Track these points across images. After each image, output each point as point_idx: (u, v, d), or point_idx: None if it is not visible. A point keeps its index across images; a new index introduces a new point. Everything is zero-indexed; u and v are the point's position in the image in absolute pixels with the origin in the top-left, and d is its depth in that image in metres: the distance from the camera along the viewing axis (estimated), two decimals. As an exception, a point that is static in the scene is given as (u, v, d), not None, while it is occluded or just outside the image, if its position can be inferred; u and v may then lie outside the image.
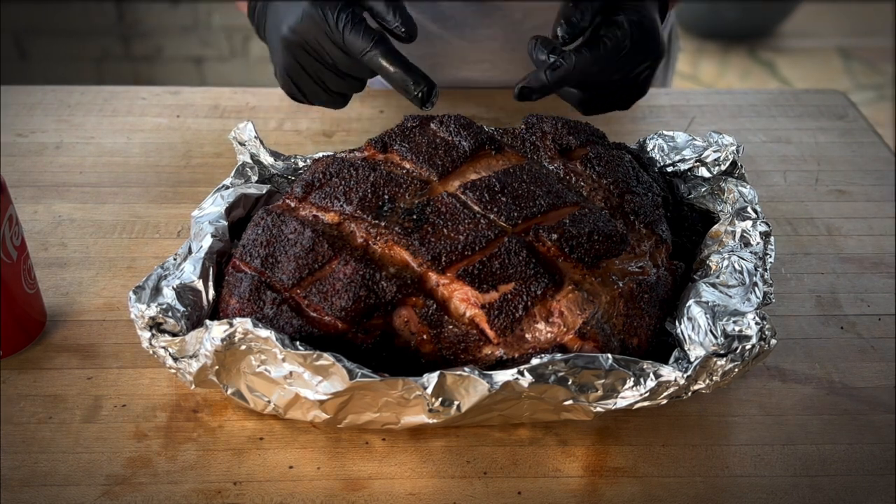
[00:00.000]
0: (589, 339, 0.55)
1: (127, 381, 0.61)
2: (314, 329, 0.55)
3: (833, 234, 0.78)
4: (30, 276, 0.63)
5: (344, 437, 0.57)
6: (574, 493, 0.54)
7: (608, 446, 0.57)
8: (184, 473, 0.55)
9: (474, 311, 0.56)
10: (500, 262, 0.56)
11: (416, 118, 0.68)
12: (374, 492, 0.54)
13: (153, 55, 2.41)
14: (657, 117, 0.96)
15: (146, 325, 0.55)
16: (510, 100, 0.98)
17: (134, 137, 0.91)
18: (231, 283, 0.58)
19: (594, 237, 0.58)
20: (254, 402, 0.55)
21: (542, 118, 0.69)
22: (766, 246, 0.62)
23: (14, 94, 0.97)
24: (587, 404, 0.53)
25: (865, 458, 0.57)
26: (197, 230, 0.63)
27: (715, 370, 0.53)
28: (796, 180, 0.86)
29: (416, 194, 0.61)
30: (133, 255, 0.74)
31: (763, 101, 1.00)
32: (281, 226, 0.59)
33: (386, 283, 0.55)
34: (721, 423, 0.59)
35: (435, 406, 0.51)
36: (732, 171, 0.70)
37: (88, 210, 0.79)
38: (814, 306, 0.69)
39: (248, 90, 0.99)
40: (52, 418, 0.58)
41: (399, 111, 0.95)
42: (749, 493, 0.54)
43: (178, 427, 0.58)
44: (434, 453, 0.57)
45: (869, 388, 0.62)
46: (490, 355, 0.55)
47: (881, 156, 0.90)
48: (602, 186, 0.64)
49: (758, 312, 0.54)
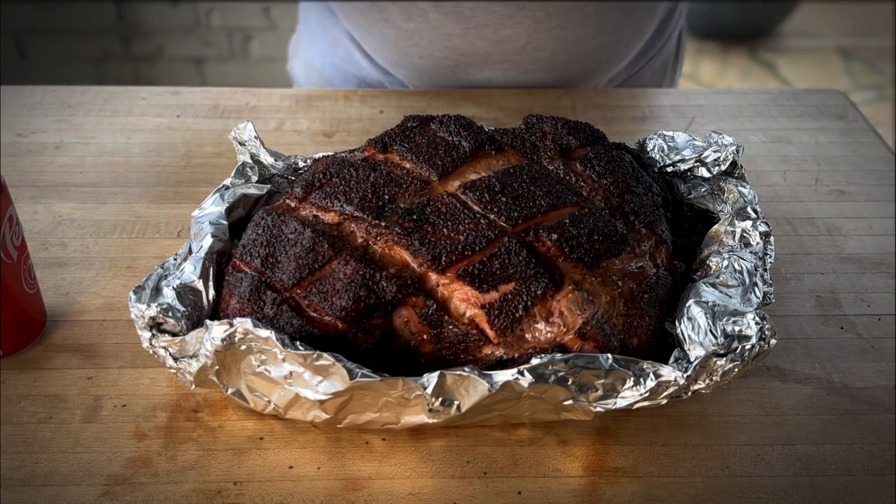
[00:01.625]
0: (589, 339, 0.55)
1: (127, 381, 0.61)
2: (314, 329, 0.55)
3: (833, 234, 0.78)
4: (30, 276, 0.63)
5: (344, 437, 0.57)
6: (574, 493, 0.54)
7: (608, 446, 0.57)
8: (184, 473, 0.55)
9: (474, 311, 0.56)
10: (500, 262, 0.56)
11: (417, 118, 0.68)
12: (374, 492, 0.54)
13: (153, 55, 2.41)
14: (657, 117, 0.96)
15: (146, 325, 0.55)
16: (510, 100, 0.99)
17: (134, 137, 0.91)
18: (231, 283, 0.58)
19: (594, 237, 0.58)
20: (254, 402, 0.55)
21: (542, 118, 0.69)
22: (766, 246, 0.62)
23: (14, 94, 0.97)
24: (587, 404, 0.53)
25: (865, 458, 0.57)
26: (197, 230, 0.63)
27: (715, 370, 0.53)
28: (796, 180, 0.86)
29: (416, 194, 0.61)
30: (133, 255, 0.74)
31: (763, 101, 1.00)
32: (281, 226, 0.59)
33: (386, 283, 0.55)
34: (721, 422, 0.59)
35: (435, 406, 0.51)
36: (732, 171, 0.70)
37: (88, 210, 0.79)
38: (814, 306, 0.69)
39: (248, 90, 0.99)
40: (53, 418, 0.58)
41: (399, 111, 0.95)
42: (749, 493, 0.54)
43: (179, 427, 0.58)
44: (434, 453, 0.57)
45: (869, 389, 0.62)
46: (490, 355, 0.55)
47: (881, 156, 0.90)
48: (602, 186, 0.64)
49: (758, 312, 0.54)
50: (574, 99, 0.98)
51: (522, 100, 0.98)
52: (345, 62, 1.06)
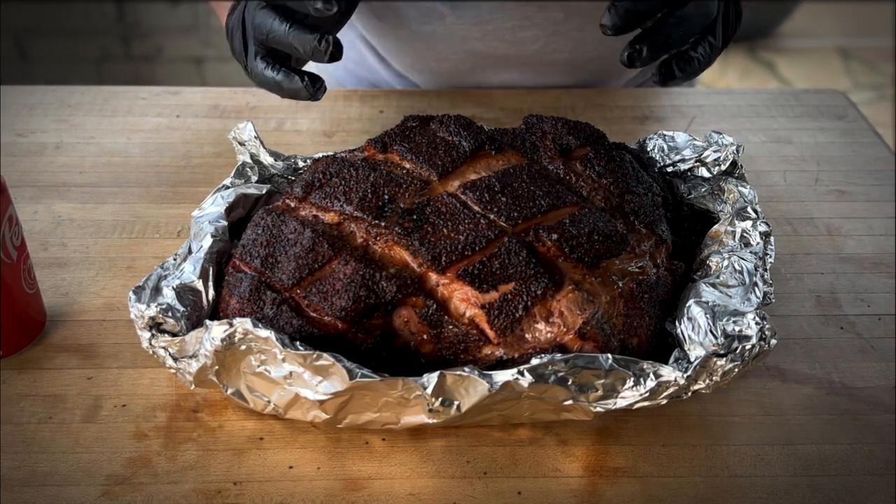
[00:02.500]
0: (589, 339, 0.55)
1: (127, 381, 0.61)
2: (314, 329, 0.55)
3: (833, 234, 0.78)
4: (30, 276, 0.63)
5: (344, 438, 0.57)
6: (574, 493, 0.54)
7: (608, 446, 0.57)
8: (184, 473, 0.55)
9: (474, 311, 0.56)
10: (500, 262, 0.56)
11: (416, 118, 0.68)
12: (374, 492, 0.54)
13: (153, 55, 2.41)
14: (657, 117, 0.96)
15: (146, 326, 0.55)
16: (510, 100, 0.99)
17: (134, 137, 0.91)
18: (231, 284, 0.58)
19: (594, 237, 0.58)
20: (254, 402, 0.55)
21: (542, 118, 0.69)
22: (766, 246, 0.62)
23: (14, 94, 0.97)
24: (587, 404, 0.53)
25: (865, 458, 0.57)
26: (197, 230, 0.63)
27: (715, 370, 0.53)
28: (796, 180, 0.86)
29: (416, 194, 0.61)
30: (133, 255, 0.74)
31: (763, 101, 1.00)
32: (281, 226, 0.59)
33: (386, 283, 0.55)
34: (721, 423, 0.59)
35: (435, 406, 0.51)
36: (732, 171, 0.70)
37: (88, 210, 0.79)
38: (814, 306, 0.69)
39: (248, 90, 0.99)
40: (52, 418, 0.58)
41: (399, 111, 0.95)
42: (749, 493, 0.54)
43: (178, 427, 0.58)
44: (434, 453, 0.56)
45: (869, 388, 0.62)
46: (490, 355, 0.55)
47: (881, 156, 0.90)
48: (602, 186, 0.64)
49: (758, 312, 0.54)
50: (574, 99, 0.98)
51: (522, 100, 0.98)
52: (357, 65, 1.06)
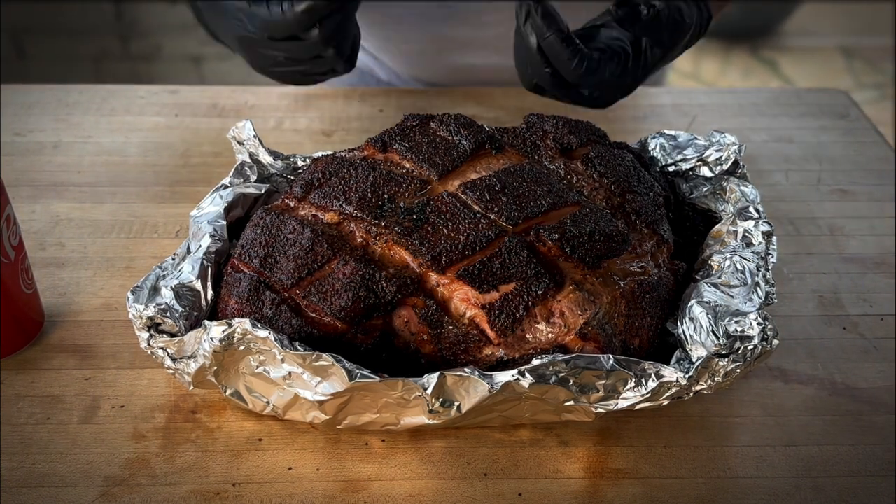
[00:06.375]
0: (590, 340, 0.55)
1: (125, 382, 0.61)
2: (313, 329, 0.54)
3: (835, 234, 0.78)
4: (27, 275, 0.63)
5: (343, 439, 0.57)
6: (575, 495, 0.54)
7: (609, 447, 0.57)
8: (182, 475, 0.54)
9: (474, 311, 0.55)
10: (501, 262, 0.55)
11: (416, 117, 0.68)
12: (373, 493, 0.54)
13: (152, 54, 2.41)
14: (659, 116, 0.96)
15: (144, 326, 0.54)
16: (511, 98, 0.98)
17: (132, 136, 0.90)
18: (230, 284, 0.57)
19: (595, 237, 0.58)
20: (252, 402, 0.54)
21: (543, 117, 0.69)
22: (768, 246, 0.61)
23: (12, 93, 0.97)
24: (588, 405, 0.52)
25: (868, 459, 0.56)
26: (195, 230, 0.62)
27: (717, 371, 0.53)
28: (798, 180, 0.85)
29: (415, 194, 0.60)
30: (131, 255, 0.73)
31: (765, 99, 0.99)
32: (280, 226, 0.59)
33: (386, 283, 0.55)
34: (723, 423, 0.59)
35: (435, 407, 0.51)
36: (734, 170, 0.69)
37: (86, 210, 0.79)
38: (816, 306, 0.69)
39: (246, 89, 0.99)
40: (50, 419, 0.58)
41: (399, 110, 0.95)
42: (751, 495, 0.54)
43: (177, 428, 0.58)
44: (434, 454, 0.56)
45: (871, 389, 0.62)
46: (490, 356, 0.55)
47: (883, 155, 0.89)
48: (603, 186, 0.63)
49: (760, 313, 0.54)
50: (574, 98, 0.98)
51: (523, 98, 0.97)
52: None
